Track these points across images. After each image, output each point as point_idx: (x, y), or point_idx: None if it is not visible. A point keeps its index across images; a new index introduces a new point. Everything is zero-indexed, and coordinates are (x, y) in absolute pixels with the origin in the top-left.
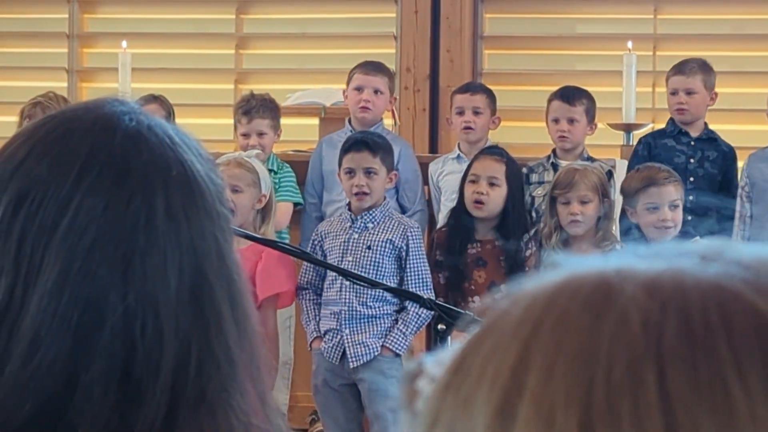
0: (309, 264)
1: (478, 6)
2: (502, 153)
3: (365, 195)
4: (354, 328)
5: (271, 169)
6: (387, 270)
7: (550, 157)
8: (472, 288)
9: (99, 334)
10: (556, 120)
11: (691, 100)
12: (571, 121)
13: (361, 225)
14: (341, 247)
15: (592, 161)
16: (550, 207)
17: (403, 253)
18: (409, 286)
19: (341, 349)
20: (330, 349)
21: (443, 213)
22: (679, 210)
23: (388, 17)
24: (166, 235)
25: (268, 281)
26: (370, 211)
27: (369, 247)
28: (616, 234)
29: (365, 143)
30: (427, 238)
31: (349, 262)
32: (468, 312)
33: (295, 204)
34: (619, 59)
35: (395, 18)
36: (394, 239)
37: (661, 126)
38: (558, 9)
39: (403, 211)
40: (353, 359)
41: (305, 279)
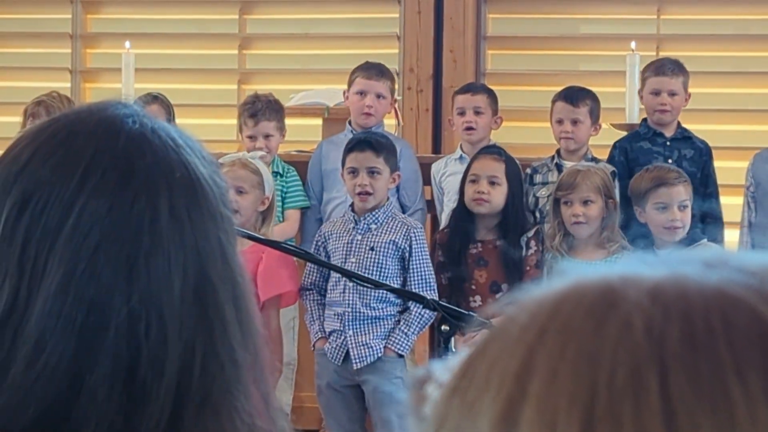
0: (313, 265)
1: (481, 6)
2: (500, 152)
3: (368, 195)
4: (357, 330)
5: (276, 172)
6: (390, 271)
7: (554, 157)
8: (473, 288)
9: (103, 335)
10: (560, 121)
11: (673, 101)
12: (574, 122)
13: (365, 226)
14: (345, 248)
15: (597, 162)
16: (554, 208)
17: (407, 254)
18: (413, 287)
19: (344, 350)
20: (333, 350)
21: (446, 213)
22: (688, 210)
23: (391, 17)
24: (170, 237)
25: (270, 282)
26: (374, 213)
27: (372, 249)
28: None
29: (369, 143)
30: (429, 239)
31: (352, 263)
32: (471, 313)
33: (303, 208)
34: (623, 59)
35: (398, 18)
36: (397, 240)
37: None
38: (561, 9)
39: (403, 209)
40: (357, 361)
41: (309, 280)
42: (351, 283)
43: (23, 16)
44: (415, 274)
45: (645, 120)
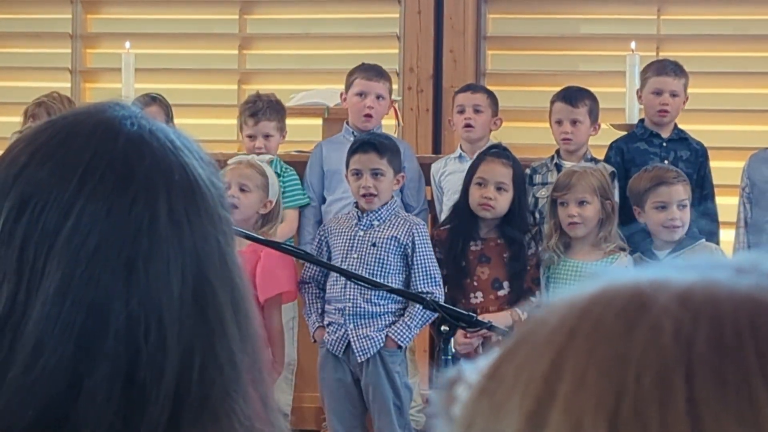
0: None
1: (481, 6)
2: (508, 155)
3: (373, 197)
4: (358, 324)
5: (275, 172)
6: (392, 267)
7: (553, 157)
8: (474, 284)
9: (102, 338)
10: (559, 121)
11: (673, 102)
12: (574, 122)
13: (367, 222)
14: (347, 243)
15: (596, 162)
16: (551, 209)
17: (409, 250)
18: (418, 283)
19: (345, 342)
20: (334, 341)
21: (446, 213)
22: (687, 210)
23: (392, 17)
24: (169, 240)
25: (268, 282)
26: (377, 209)
27: (374, 244)
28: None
29: (372, 144)
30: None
31: (354, 258)
32: (470, 314)
33: (302, 206)
34: (623, 60)
35: (398, 18)
36: (399, 236)
37: None
38: (561, 9)
39: (407, 210)
40: (360, 353)
41: (308, 274)
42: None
43: (23, 16)
44: (420, 270)
45: (642, 121)
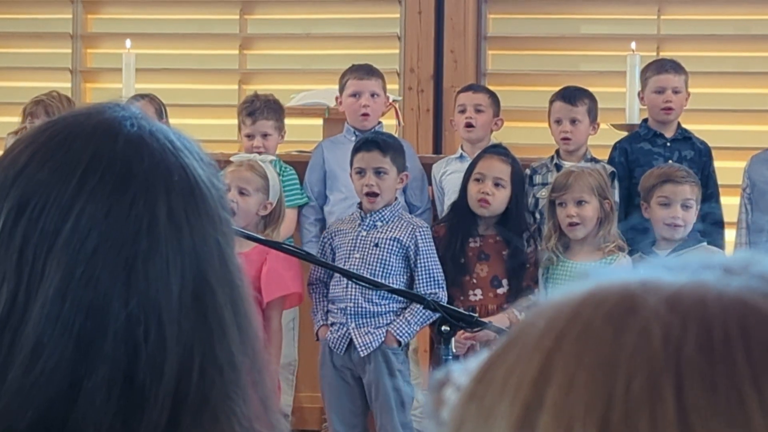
0: None
1: (481, 6)
2: (507, 153)
3: (375, 196)
4: (360, 322)
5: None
6: (394, 268)
7: (553, 157)
8: (473, 281)
9: (101, 340)
10: (559, 121)
11: (676, 99)
12: (573, 121)
13: (370, 223)
14: (350, 244)
15: (596, 162)
16: (550, 209)
17: (411, 252)
18: (421, 285)
19: (347, 340)
20: (336, 339)
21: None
22: (692, 211)
23: (392, 18)
24: (169, 241)
25: (273, 284)
26: (380, 210)
27: (376, 245)
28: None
29: (376, 143)
30: None
31: (356, 259)
32: (471, 314)
33: (300, 206)
34: (623, 60)
35: (399, 18)
36: (401, 238)
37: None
38: (562, 9)
39: (410, 209)
40: (362, 348)
41: (315, 275)
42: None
43: (23, 16)
44: (423, 272)
45: (645, 121)
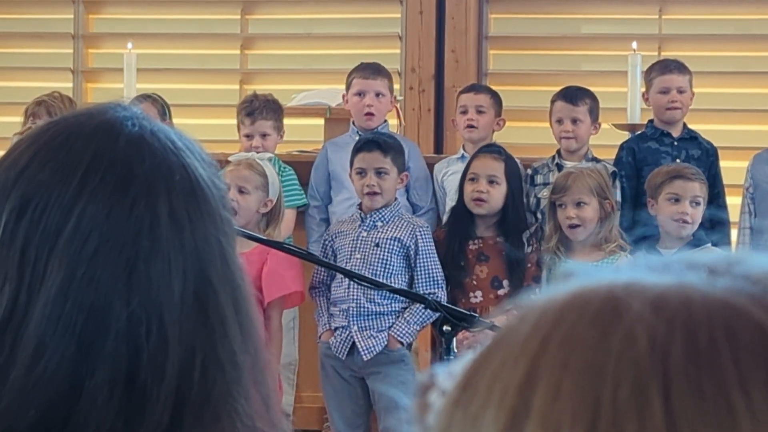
0: None
1: (483, 6)
2: (500, 151)
3: (376, 195)
4: (362, 324)
5: None
6: (395, 268)
7: (554, 157)
8: (473, 283)
9: (103, 340)
10: (560, 120)
11: (681, 99)
12: (574, 121)
13: (370, 223)
14: (350, 244)
15: (597, 162)
16: (550, 210)
17: (412, 252)
18: (421, 285)
19: (350, 344)
20: (338, 344)
21: (448, 213)
22: (700, 209)
23: (393, 17)
24: (170, 241)
25: (274, 283)
26: (380, 210)
27: (377, 245)
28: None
29: (376, 143)
30: None
31: (357, 259)
32: (473, 314)
33: (299, 206)
34: (624, 59)
35: (400, 18)
36: (402, 238)
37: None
38: (563, 9)
39: (414, 209)
40: (365, 352)
41: (318, 278)
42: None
43: (25, 17)
44: (422, 272)
45: (651, 121)
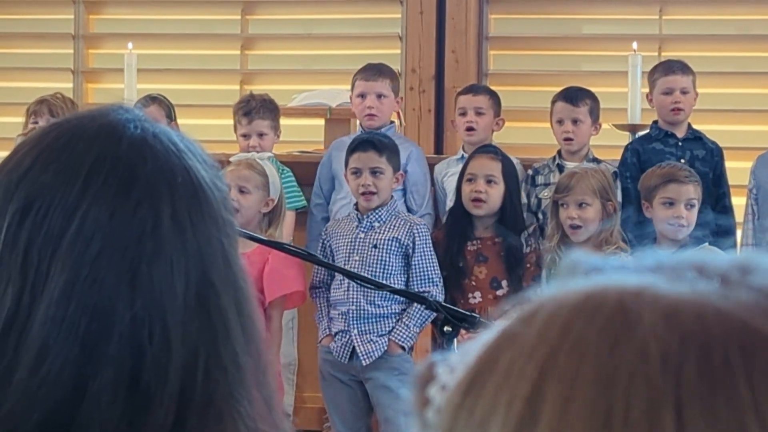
0: None
1: (483, 6)
2: (496, 151)
3: (372, 195)
4: (362, 328)
5: None
6: (394, 268)
7: (555, 158)
8: (473, 284)
9: (107, 341)
10: (561, 121)
11: (685, 99)
12: (575, 121)
13: (368, 224)
14: (348, 246)
15: (598, 162)
16: (552, 210)
17: (410, 250)
18: (416, 284)
19: (350, 348)
20: (339, 348)
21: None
22: (695, 211)
23: (393, 18)
24: (173, 243)
25: (275, 283)
26: (377, 211)
27: (375, 246)
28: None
29: (371, 143)
30: None
31: (355, 261)
32: (473, 314)
33: (298, 209)
34: (625, 60)
35: (400, 19)
36: (400, 237)
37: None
38: (563, 10)
39: (410, 213)
40: (364, 357)
41: (318, 278)
42: (354, 282)
43: (25, 17)
44: (419, 271)
45: (656, 122)
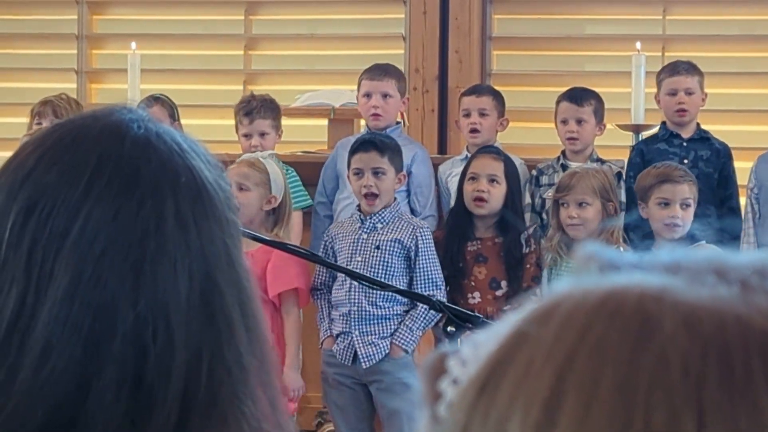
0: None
1: (486, 7)
2: (499, 151)
3: (375, 197)
4: (364, 329)
5: None
6: (396, 270)
7: (559, 158)
8: (472, 284)
9: (110, 341)
10: (565, 121)
11: (690, 101)
12: (579, 121)
13: (370, 225)
14: (350, 247)
15: (602, 162)
16: (553, 209)
17: (412, 253)
18: (419, 286)
19: (352, 351)
20: (341, 351)
21: None
22: (690, 210)
23: (397, 18)
24: (176, 242)
25: (278, 278)
26: (380, 212)
27: (378, 247)
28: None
29: (373, 143)
30: None
31: (358, 262)
32: (477, 314)
33: (304, 208)
34: (628, 60)
35: (404, 19)
36: (402, 239)
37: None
38: (567, 10)
39: (414, 215)
40: (365, 360)
41: (319, 280)
42: (357, 282)
43: (29, 18)
44: (422, 274)
45: (664, 123)
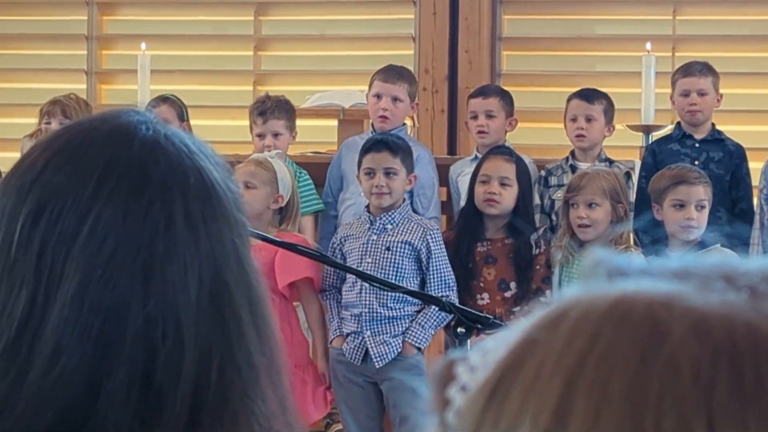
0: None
1: (496, 7)
2: (511, 153)
3: (385, 194)
4: (375, 330)
5: None
6: (407, 271)
7: (568, 158)
8: (481, 285)
9: (120, 341)
10: (574, 118)
11: (702, 101)
12: (588, 119)
13: (380, 226)
14: (361, 249)
15: (611, 163)
16: (563, 210)
17: (423, 255)
18: (432, 288)
19: (363, 350)
20: (352, 350)
21: None
22: (705, 212)
23: (407, 18)
24: (186, 243)
25: (288, 269)
26: (389, 213)
27: (388, 249)
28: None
29: (385, 144)
30: None
31: (368, 263)
32: (487, 315)
33: (316, 212)
34: (638, 60)
35: (414, 19)
36: (412, 241)
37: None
38: (577, 10)
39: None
40: (377, 359)
41: (328, 282)
42: (367, 284)
43: (39, 18)
44: (435, 275)
45: (679, 123)
